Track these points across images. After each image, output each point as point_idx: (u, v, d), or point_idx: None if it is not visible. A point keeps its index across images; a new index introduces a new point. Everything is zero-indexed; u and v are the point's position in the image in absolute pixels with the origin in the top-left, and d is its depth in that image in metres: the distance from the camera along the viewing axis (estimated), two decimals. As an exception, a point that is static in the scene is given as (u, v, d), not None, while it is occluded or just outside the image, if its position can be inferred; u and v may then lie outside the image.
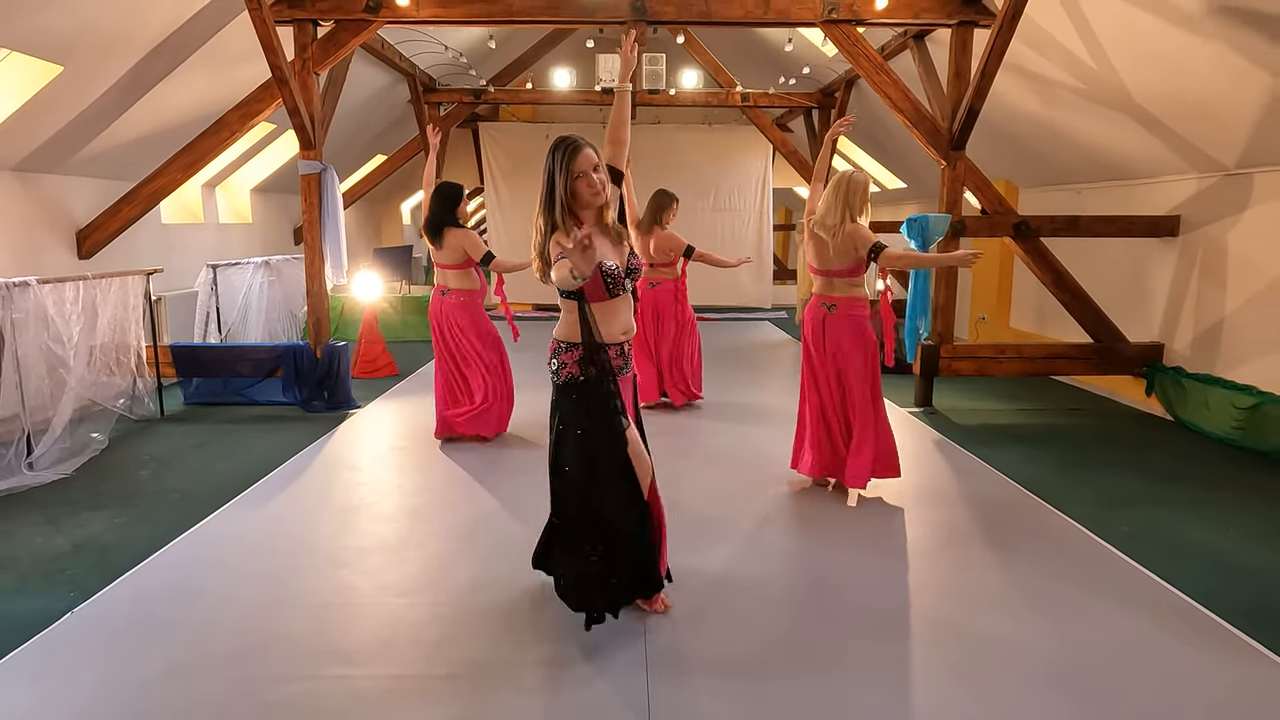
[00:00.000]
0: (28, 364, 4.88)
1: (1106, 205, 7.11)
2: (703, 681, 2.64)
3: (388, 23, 6.18)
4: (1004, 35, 5.44)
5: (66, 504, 4.30)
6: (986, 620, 3.05)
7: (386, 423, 6.03)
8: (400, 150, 11.38)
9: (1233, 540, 3.85)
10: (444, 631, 2.96)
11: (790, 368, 8.40)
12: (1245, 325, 5.69)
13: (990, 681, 2.65)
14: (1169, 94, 5.42)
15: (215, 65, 6.32)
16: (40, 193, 6.01)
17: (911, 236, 6.04)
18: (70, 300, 5.21)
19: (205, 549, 3.72)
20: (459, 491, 4.51)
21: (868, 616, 3.08)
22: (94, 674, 2.68)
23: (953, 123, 6.14)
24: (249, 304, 7.76)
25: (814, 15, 6.11)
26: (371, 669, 2.73)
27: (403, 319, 9.81)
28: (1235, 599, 3.22)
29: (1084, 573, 3.46)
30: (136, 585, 3.34)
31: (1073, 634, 2.94)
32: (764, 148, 12.19)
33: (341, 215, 6.44)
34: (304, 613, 3.10)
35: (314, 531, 3.92)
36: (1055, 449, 5.35)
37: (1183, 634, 2.95)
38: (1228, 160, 5.68)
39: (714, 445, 5.42)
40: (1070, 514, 4.12)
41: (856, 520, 4.08)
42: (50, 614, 3.06)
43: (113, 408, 5.66)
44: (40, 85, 5.10)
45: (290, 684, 2.63)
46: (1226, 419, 5.48)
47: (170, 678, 2.66)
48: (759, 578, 3.40)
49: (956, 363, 6.46)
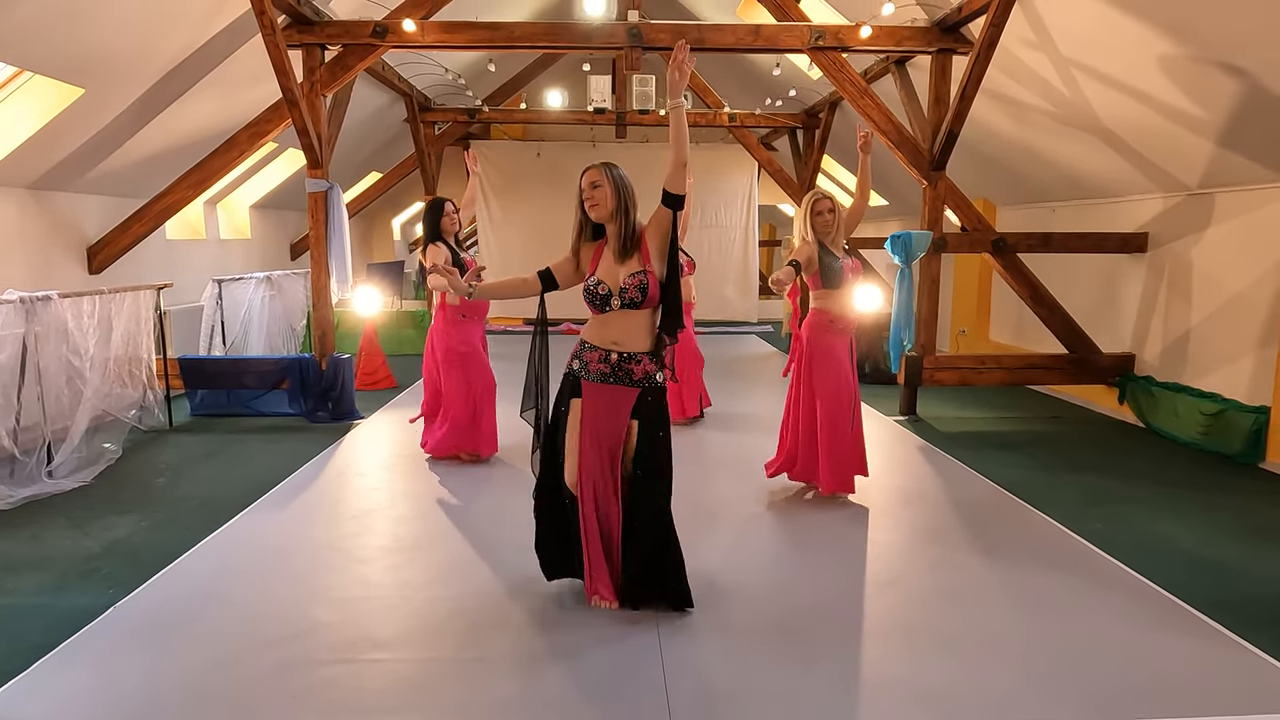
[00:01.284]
0: (48, 375, 5.05)
1: (1079, 222, 7.46)
2: (720, 647, 2.87)
3: (393, 47, 6.42)
4: (981, 62, 5.77)
5: (89, 510, 4.46)
6: (968, 609, 3.30)
7: (391, 433, 6.22)
8: (395, 168, 11.59)
9: (1198, 535, 4.13)
10: (469, 621, 3.16)
11: (777, 379, 8.67)
12: (1209, 337, 6.02)
13: (969, 665, 2.89)
14: (1135, 118, 5.76)
15: (226, 87, 6.54)
16: (54, 210, 6.18)
17: (895, 252, 6.34)
18: (87, 314, 5.39)
19: (232, 549, 3.91)
20: (473, 494, 4.72)
21: (853, 608, 3.32)
22: (144, 661, 2.87)
23: (933, 144, 6.46)
24: (251, 318, 7.93)
25: (801, 43, 6.42)
26: (405, 653, 2.93)
27: (399, 332, 10.00)
28: (1199, 588, 3.49)
29: (1059, 566, 3.71)
30: (172, 581, 3.52)
31: (1047, 620, 3.19)
32: (750, 166, 12.53)
33: (347, 231, 6.65)
34: (333, 605, 3.29)
35: (334, 533, 4.12)
36: (1034, 454, 5.63)
37: (1149, 618, 3.21)
38: (1190, 180, 6.03)
39: (714, 447, 5.67)
40: (1048, 513, 4.39)
41: (842, 521, 4.33)
42: (93, 608, 3.24)
43: (125, 419, 5.81)
44: (61, 107, 5.30)
45: (330, 667, 2.83)
46: (1193, 425, 5.79)
47: (216, 661, 2.85)
48: (747, 576, 3.64)
49: (939, 373, 6.75)
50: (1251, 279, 5.61)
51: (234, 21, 5.76)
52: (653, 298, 3.05)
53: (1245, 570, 3.71)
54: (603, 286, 3.08)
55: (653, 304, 3.07)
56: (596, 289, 3.09)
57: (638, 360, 3.10)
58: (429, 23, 6.33)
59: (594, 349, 3.13)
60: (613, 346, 3.10)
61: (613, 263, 3.10)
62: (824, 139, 10.38)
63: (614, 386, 3.11)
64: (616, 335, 3.10)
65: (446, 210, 5.11)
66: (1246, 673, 2.83)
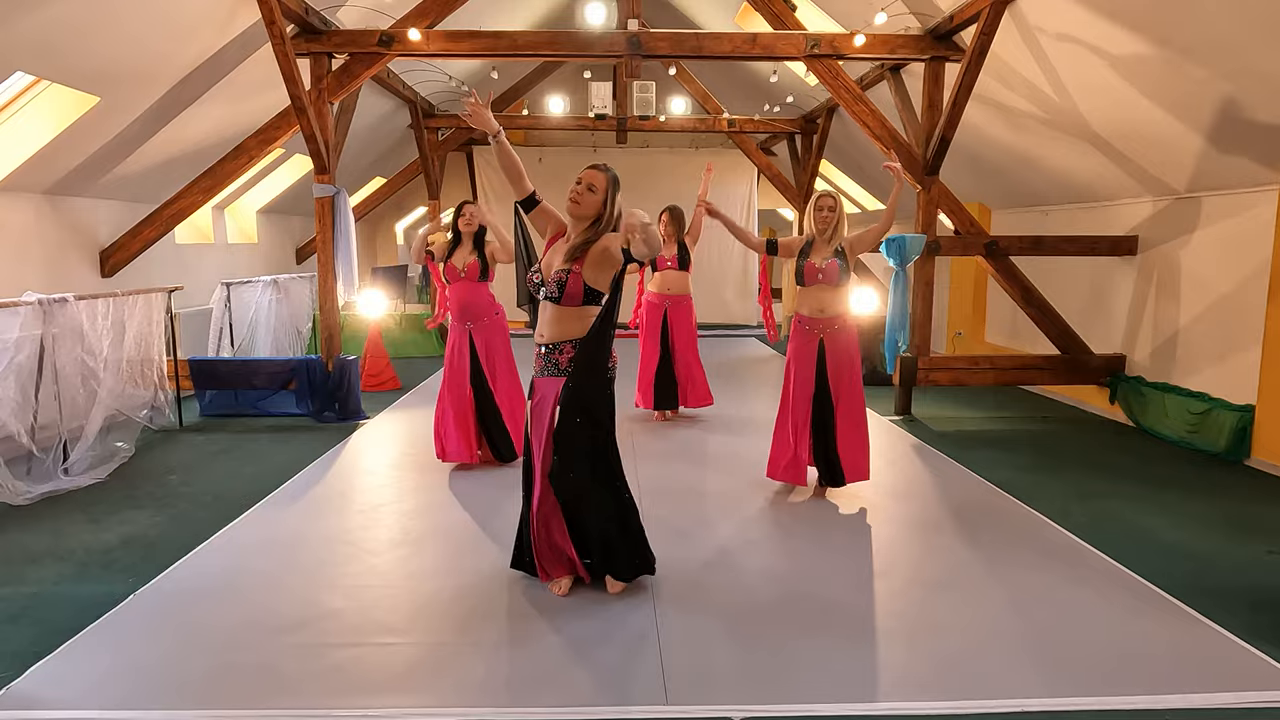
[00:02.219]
0: (64, 375, 5.19)
1: (1071, 226, 7.60)
2: (715, 627, 3.00)
3: (399, 56, 6.58)
4: (973, 70, 5.92)
5: (106, 505, 4.60)
6: (957, 598, 3.43)
7: (397, 432, 6.36)
8: (399, 173, 11.75)
9: (1180, 528, 4.26)
10: (473, 607, 3.30)
11: (775, 381, 8.80)
12: (1197, 337, 6.15)
13: (957, 651, 3.02)
14: (1123, 123, 5.90)
15: (235, 94, 6.70)
16: (69, 215, 6.34)
17: (890, 255, 6.48)
18: (101, 315, 5.53)
19: (246, 541, 4.05)
20: (478, 490, 4.85)
21: (844, 593, 3.45)
22: (165, 642, 3.01)
23: (927, 150, 6.61)
24: (258, 320, 8.09)
25: (797, 51, 6.57)
26: (414, 637, 3.07)
27: (403, 335, 10.15)
28: (1178, 576, 3.62)
29: (1046, 557, 3.85)
30: (189, 571, 3.66)
31: (1033, 608, 3.33)
32: (749, 171, 12.68)
33: (353, 235, 6.80)
34: (344, 593, 3.43)
35: (343, 526, 4.26)
36: (1025, 453, 5.76)
37: (1128, 605, 3.34)
38: (1178, 184, 6.16)
39: (713, 451, 5.80)
40: (1037, 509, 4.52)
41: (840, 516, 4.46)
42: (114, 596, 3.38)
43: (137, 418, 5.95)
44: (78, 115, 5.45)
45: (343, 649, 2.96)
46: (1182, 424, 5.92)
47: (233, 644, 2.99)
48: (741, 565, 3.78)
49: (934, 373, 6.88)
50: (1238, 281, 5.74)
51: (244, 31, 5.91)
52: (572, 296, 3.16)
53: (1222, 560, 3.84)
54: (538, 274, 3.27)
55: (573, 302, 3.18)
56: (531, 276, 3.29)
57: (562, 350, 3.23)
58: (433, 32, 6.48)
59: (536, 345, 3.33)
60: (540, 339, 3.29)
61: (557, 255, 3.26)
62: (822, 144, 10.53)
63: (547, 378, 3.28)
64: (543, 326, 3.29)
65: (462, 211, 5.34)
66: (1219, 654, 2.96)
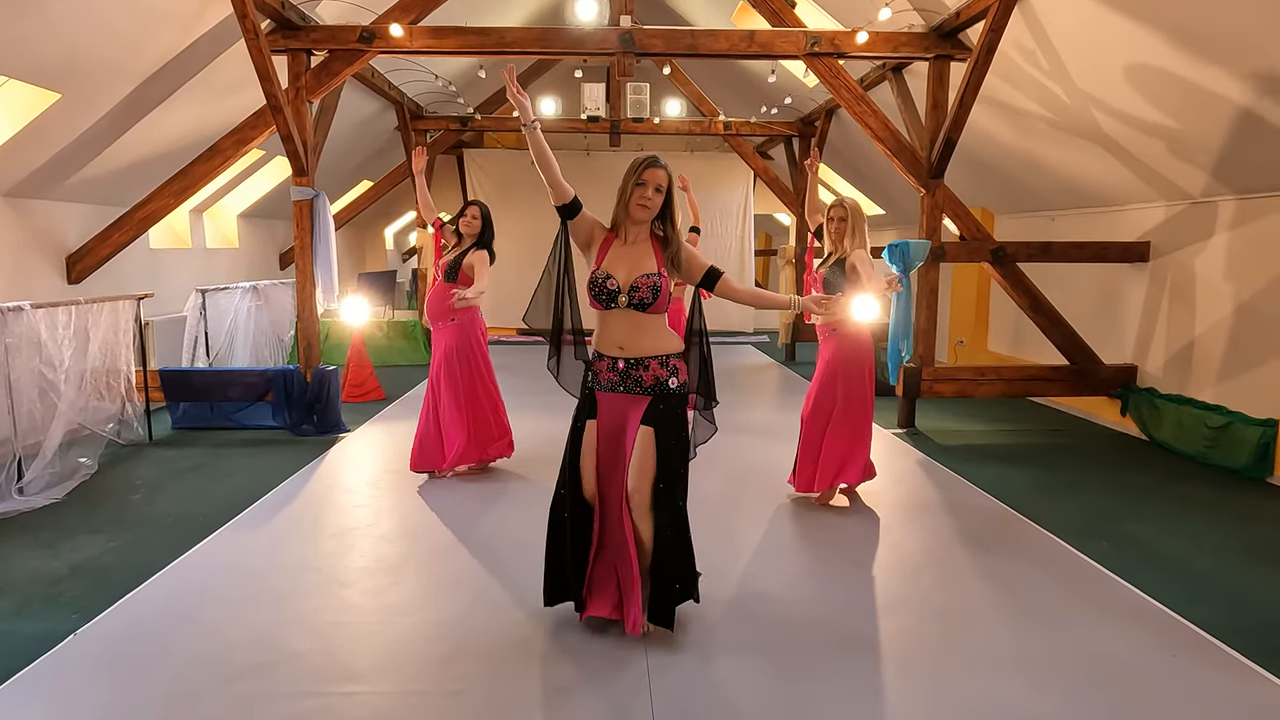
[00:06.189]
0: (20, 389, 4.88)
1: (1080, 231, 7.35)
2: (712, 670, 2.72)
3: (381, 53, 6.29)
4: (979, 69, 5.66)
5: (59, 529, 4.29)
6: (969, 628, 3.15)
7: (377, 446, 6.07)
8: (386, 176, 11.46)
9: (1206, 555, 3.99)
10: (448, 649, 3.00)
11: (773, 389, 8.54)
12: (1214, 347, 5.90)
13: (973, 685, 2.74)
14: (1136, 125, 5.65)
15: (209, 93, 6.40)
16: (32, 218, 6.03)
17: (893, 262, 6.21)
18: (62, 325, 5.23)
19: (206, 570, 3.74)
20: (457, 513, 4.55)
21: (854, 625, 3.17)
22: (103, 693, 2.70)
23: (931, 152, 6.35)
24: (236, 328, 7.79)
25: (797, 49, 6.31)
26: (380, 685, 2.77)
27: (390, 343, 9.85)
28: (1212, 611, 3.34)
29: (1066, 587, 3.57)
30: (138, 606, 3.36)
31: (1055, 640, 3.05)
32: (745, 174, 12.42)
33: (333, 240, 6.50)
34: (309, 631, 3.13)
35: (313, 553, 3.96)
36: (1036, 468, 5.49)
37: (1158, 643, 3.06)
38: (1193, 189, 5.91)
39: (714, 454, 5.52)
40: (1052, 530, 4.24)
41: (845, 533, 4.18)
42: (53, 635, 3.07)
43: (102, 432, 5.65)
44: (37, 112, 5.15)
45: (300, 700, 2.66)
46: (1198, 438, 5.66)
47: (179, 696, 2.68)
48: (763, 586, 3.50)
49: (938, 385, 6.62)
50: (1257, 288, 5.50)
51: (217, 25, 5.62)
52: (663, 302, 2.89)
53: (1259, 591, 3.57)
54: (611, 281, 2.89)
55: (661, 309, 2.91)
56: (605, 283, 2.89)
57: (645, 366, 2.93)
58: (417, 28, 6.20)
59: (602, 357, 2.98)
60: (619, 353, 2.94)
61: (622, 260, 2.91)
62: (820, 147, 10.27)
63: (620, 395, 2.96)
64: (619, 339, 2.93)
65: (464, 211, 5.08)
66: (1272, 704, 2.68)
